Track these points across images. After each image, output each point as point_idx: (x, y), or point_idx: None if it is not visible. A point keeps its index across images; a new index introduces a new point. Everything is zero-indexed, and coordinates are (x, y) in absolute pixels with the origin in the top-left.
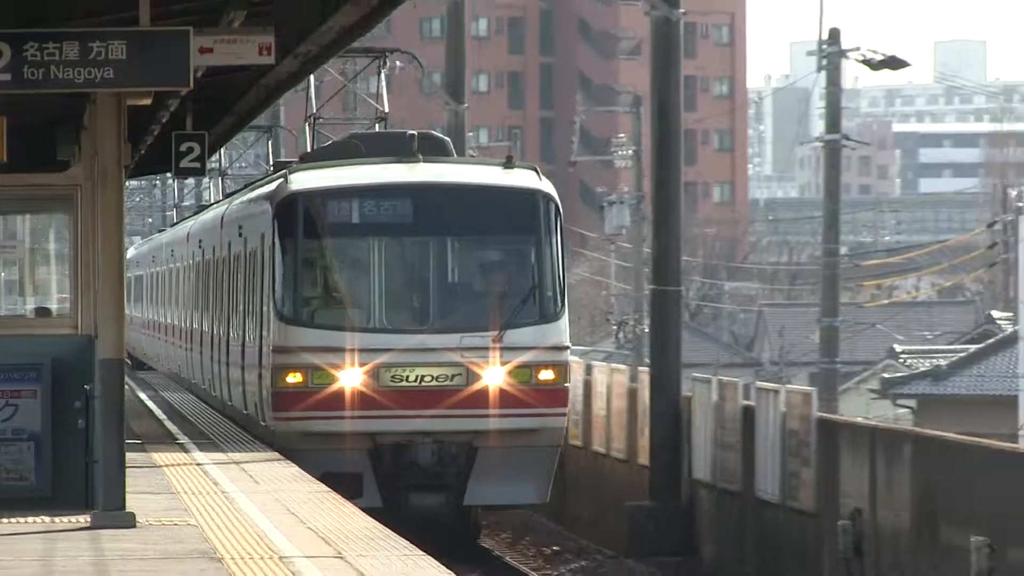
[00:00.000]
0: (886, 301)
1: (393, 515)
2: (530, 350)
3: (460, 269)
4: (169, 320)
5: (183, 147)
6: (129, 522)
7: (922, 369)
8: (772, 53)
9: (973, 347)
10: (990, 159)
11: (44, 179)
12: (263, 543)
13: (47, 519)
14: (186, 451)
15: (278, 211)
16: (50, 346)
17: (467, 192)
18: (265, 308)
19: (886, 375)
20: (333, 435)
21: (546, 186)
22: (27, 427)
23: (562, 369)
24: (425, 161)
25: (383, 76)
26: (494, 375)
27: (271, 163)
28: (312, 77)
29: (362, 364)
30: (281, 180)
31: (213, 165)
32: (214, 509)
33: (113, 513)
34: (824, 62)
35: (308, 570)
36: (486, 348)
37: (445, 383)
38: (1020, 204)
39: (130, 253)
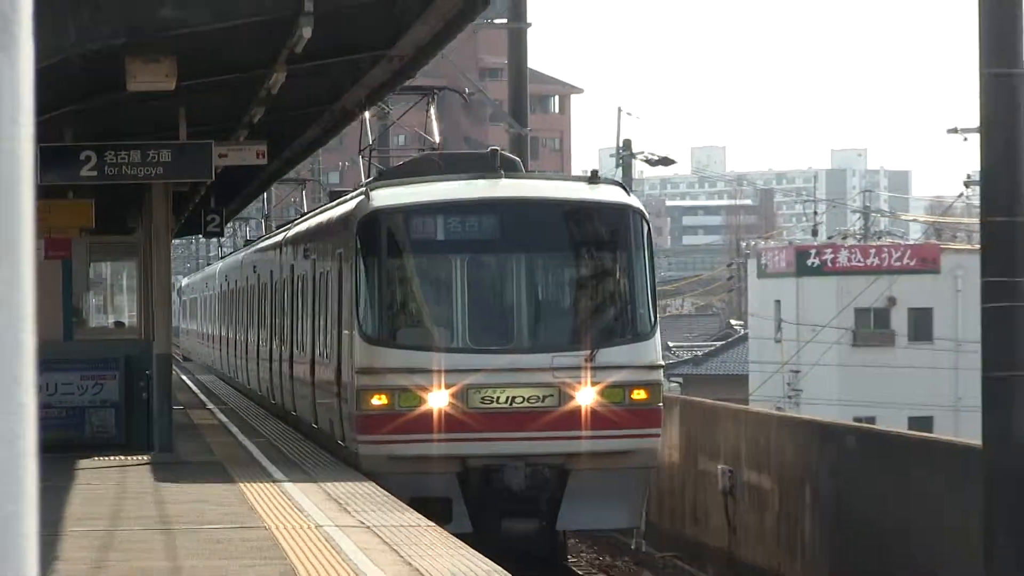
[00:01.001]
0: (663, 314)
1: (484, 540)
2: (623, 369)
3: (549, 286)
4: (222, 332)
5: (208, 218)
6: (176, 459)
7: (686, 357)
8: (587, 156)
9: (719, 343)
10: (728, 223)
11: (119, 239)
12: (260, 468)
13: (122, 458)
14: (212, 413)
15: (360, 229)
16: (124, 346)
17: (556, 208)
18: (345, 328)
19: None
20: (421, 458)
21: (635, 201)
22: (109, 398)
23: (655, 389)
24: (507, 177)
25: (432, 111)
26: (586, 395)
27: (305, 209)
28: (367, 113)
29: (450, 385)
30: (361, 198)
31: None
32: (229, 449)
33: (165, 454)
34: (620, 161)
35: (286, 483)
36: (578, 368)
37: (536, 404)
38: (747, 252)
39: (184, 282)
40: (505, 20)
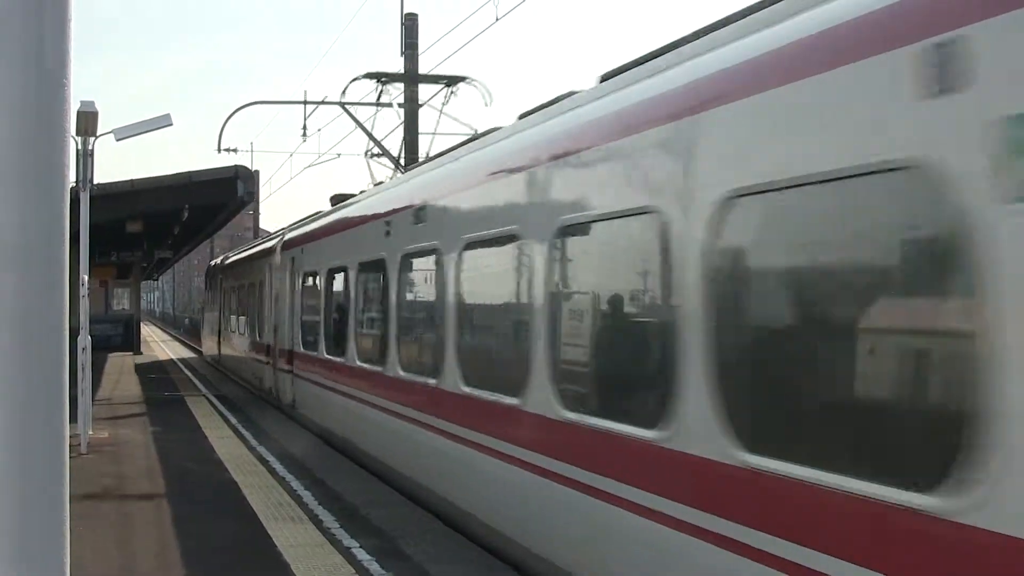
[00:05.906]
0: None
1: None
2: None
3: None
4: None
5: (153, 275)
6: (141, 353)
7: None
8: None
9: None
10: None
11: (124, 281)
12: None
13: (124, 353)
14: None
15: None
16: (123, 314)
17: None
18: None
19: None
20: None
21: None
22: (120, 332)
23: None
24: None
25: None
26: None
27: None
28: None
29: None
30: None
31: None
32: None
33: (138, 353)
34: None
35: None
36: None
37: None
38: None
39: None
40: (252, 211)
